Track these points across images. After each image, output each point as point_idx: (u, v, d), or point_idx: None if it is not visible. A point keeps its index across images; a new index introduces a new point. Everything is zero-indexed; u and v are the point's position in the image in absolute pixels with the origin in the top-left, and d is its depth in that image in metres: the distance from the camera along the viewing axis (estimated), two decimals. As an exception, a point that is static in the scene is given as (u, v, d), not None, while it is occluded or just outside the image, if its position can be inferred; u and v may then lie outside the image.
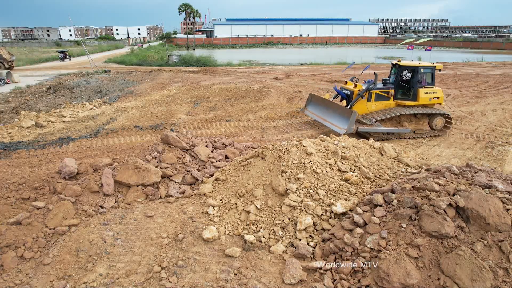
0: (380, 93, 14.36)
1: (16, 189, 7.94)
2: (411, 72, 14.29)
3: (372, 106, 14.40)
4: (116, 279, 5.68)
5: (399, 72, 14.49)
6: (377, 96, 14.33)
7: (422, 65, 14.39)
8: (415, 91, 14.38)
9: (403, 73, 14.36)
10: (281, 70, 39.46)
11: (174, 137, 9.45)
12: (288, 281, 5.46)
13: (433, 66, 14.66)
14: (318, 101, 16.05)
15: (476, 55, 62.82)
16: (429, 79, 14.69)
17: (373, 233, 5.72)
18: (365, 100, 14.21)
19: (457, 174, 6.59)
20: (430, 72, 14.63)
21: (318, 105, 15.91)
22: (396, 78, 14.59)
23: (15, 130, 14.55)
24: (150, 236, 6.66)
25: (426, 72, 14.52)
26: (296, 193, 6.92)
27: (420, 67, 14.27)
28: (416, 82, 14.30)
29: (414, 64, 14.47)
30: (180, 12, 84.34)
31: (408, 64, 14.44)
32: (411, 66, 14.31)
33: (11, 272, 5.94)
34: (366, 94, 14.07)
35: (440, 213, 5.34)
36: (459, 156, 11.98)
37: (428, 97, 14.39)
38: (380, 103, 14.47)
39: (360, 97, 13.98)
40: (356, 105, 14.14)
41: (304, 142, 8.08)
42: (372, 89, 14.05)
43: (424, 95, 14.31)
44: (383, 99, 14.48)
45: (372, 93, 14.20)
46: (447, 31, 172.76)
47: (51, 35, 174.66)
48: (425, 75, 14.52)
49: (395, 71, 14.99)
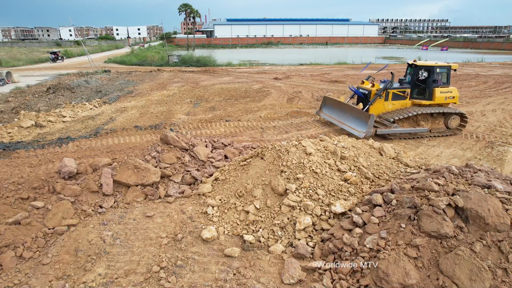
0: (397, 93, 14.52)
1: (16, 189, 7.94)
2: (427, 72, 14.48)
3: (389, 105, 14.56)
4: (115, 279, 5.67)
5: (415, 72, 14.68)
6: (394, 95, 14.50)
7: (438, 65, 14.57)
8: (431, 91, 14.53)
9: (419, 73, 14.56)
10: (281, 70, 39.46)
11: (174, 137, 9.44)
12: (287, 281, 5.46)
13: (448, 66, 14.84)
14: (333, 104, 16.09)
15: (476, 55, 62.80)
16: (444, 79, 14.85)
17: (372, 233, 5.71)
18: (382, 99, 14.39)
19: (457, 174, 6.58)
20: (445, 72, 14.81)
21: (333, 108, 15.96)
22: (412, 78, 14.79)
23: (15, 130, 14.54)
24: (149, 236, 6.66)
25: (442, 72, 14.70)
26: (296, 193, 6.91)
27: (436, 67, 14.43)
28: (432, 82, 14.47)
29: (431, 64, 14.65)
30: (180, 12, 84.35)
31: (424, 64, 14.65)
32: (427, 66, 14.50)
33: (10, 272, 5.93)
34: (384, 94, 14.26)
35: (439, 213, 5.33)
36: (458, 156, 11.97)
37: (443, 97, 14.54)
38: (397, 103, 14.64)
39: (378, 96, 14.13)
40: (374, 104, 14.29)
41: (303, 142, 8.07)
42: (389, 88, 14.21)
43: (440, 94, 14.46)
44: (400, 99, 14.65)
45: (389, 93, 14.38)
46: (447, 31, 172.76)
47: (51, 35, 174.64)
48: (440, 75, 14.70)
49: (411, 71, 15.17)
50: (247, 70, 40.05)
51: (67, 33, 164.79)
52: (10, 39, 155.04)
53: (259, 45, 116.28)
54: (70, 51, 63.43)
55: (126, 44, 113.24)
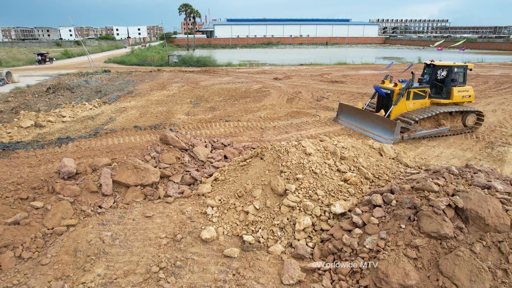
0: (418, 92, 14.68)
1: (15, 189, 7.93)
2: (446, 72, 14.74)
3: (410, 104, 14.73)
4: (114, 279, 5.66)
5: (433, 72, 14.96)
6: (415, 94, 14.65)
7: (456, 64, 14.81)
8: (449, 90, 14.78)
9: (438, 72, 14.83)
10: (281, 71, 39.44)
11: (173, 137, 9.43)
12: (287, 282, 5.45)
13: (465, 65, 15.09)
14: (351, 111, 16.13)
15: (476, 55, 62.80)
16: (461, 78, 15.12)
17: (372, 233, 5.70)
18: (404, 98, 14.55)
19: (457, 174, 6.57)
20: (462, 72, 15.06)
21: (352, 116, 16.00)
22: (431, 77, 15.05)
23: (14, 130, 14.53)
24: (148, 236, 6.64)
25: (459, 71, 14.96)
26: (295, 193, 6.90)
27: (454, 66, 14.69)
28: (451, 81, 14.71)
29: (449, 64, 14.89)
30: (181, 12, 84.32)
31: (443, 64, 14.90)
32: (446, 66, 14.78)
33: (9, 272, 5.92)
34: (405, 93, 14.41)
35: (439, 213, 5.32)
36: (458, 156, 11.95)
37: (461, 95, 14.80)
38: (417, 102, 14.82)
39: (401, 95, 14.31)
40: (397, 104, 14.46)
41: (303, 143, 8.06)
42: (410, 88, 14.36)
43: (457, 93, 14.71)
44: (420, 98, 14.81)
45: (411, 92, 14.53)
46: (447, 31, 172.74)
47: (51, 35, 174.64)
48: (458, 74, 14.94)
49: (428, 71, 15.42)
50: (247, 70, 40.03)
51: (67, 33, 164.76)
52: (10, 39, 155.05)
53: (259, 45, 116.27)
54: (70, 51, 63.47)
55: (126, 44, 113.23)
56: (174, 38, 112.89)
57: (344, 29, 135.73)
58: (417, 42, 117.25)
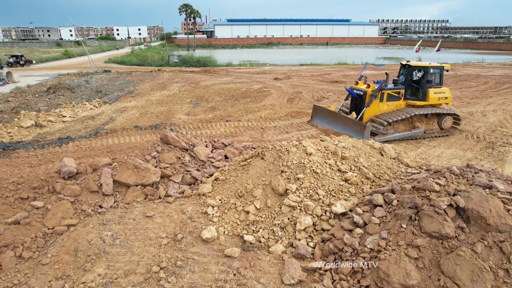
0: (392, 93, 14.38)
1: (15, 188, 7.92)
2: (421, 72, 14.40)
3: (384, 106, 14.40)
4: (115, 279, 5.65)
5: (409, 72, 14.62)
6: (389, 96, 14.35)
7: (431, 65, 14.51)
8: (424, 91, 14.48)
9: (413, 73, 14.47)
10: (281, 71, 39.44)
11: (174, 137, 9.42)
12: (288, 282, 5.43)
13: (441, 66, 14.79)
14: (324, 113, 15.87)
15: (476, 55, 62.81)
16: (437, 79, 14.80)
17: (373, 233, 5.69)
18: (377, 100, 14.23)
19: (458, 174, 6.55)
20: (439, 72, 14.76)
21: (325, 118, 15.73)
22: (406, 78, 14.71)
23: (15, 129, 14.53)
24: (149, 236, 6.63)
25: (435, 72, 14.65)
26: (296, 193, 6.89)
27: (430, 67, 14.38)
28: (426, 82, 14.41)
29: (424, 64, 14.60)
30: (181, 12, 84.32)
31: (418, 65, 14.58)
32: (421, 67, 14.46)
33: (9, 272, 5.91)
34: (379, 94, 14.11)
35: (441, 213, 5.31)
36: (459, 156, 11.95)
37: (437, 97, 14.52)
38: (392, 103, 14.50)
39: (374, 97, 13.99)
40: (370, 105, 14.15)
41: (304, 142, 8.05)
42: (384, 89, 14.06)
43: (434, 95, 14.44)
44: (394, 99, 14.51)
45: (384, 93, 14.21)
46: (448, 31, 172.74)
47: (51, 35, 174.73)
48: (434, 75, 14.64)
49: (404, 71, 15.06)
50: (247, 70, 40.03)
51: (67, 33, 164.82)
52: (10, 39, 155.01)
53: (259, 45, 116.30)
54: (70, 51, 63.51)
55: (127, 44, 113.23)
56: (174, 38, 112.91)
57: (344, 29, 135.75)
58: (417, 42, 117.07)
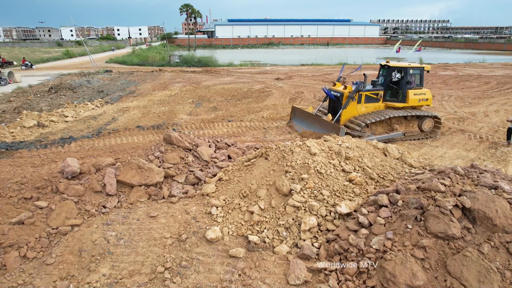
0: (370, 95, 13.99)
1: (19, 188, 7.91)
2: (400, 73, 14.05)
3: (362, 108, 14.01)
4: (120, 279, 5.65)
5: (388, 73, 14.22)
6: (367, 98, 13.96)
7: (411, 66, 14.16)
8: (404, 93, 14.10)
9: (392, 74, 14.12)
10: (282, 71, 39.43)
11: (177, 137, 9.41)
12: (293, 282, 5.42)
13: (421, 67, 14.45)
14: (302, 115, 15.58)
15: (477, 56, 62.75)
16: (418, 80, 14.42)
17: (378, 234, 5.68)
18: (355, 102, 13.84)
19: (462, 175, 6.54)
20: (419, 73, 14.38)
21: (303, 120, 15.45)
22: (385, 80, 14.32)
23: (17, 129, 14.53)
24: (153, 236, 6.62)
25: (415, 73, 14.27)
26: (300, 193, 6.87)
27: (409, 68, 14.02)
28: (406, 84, 14.04)
29: (403, 65, 14.21)
30: (182, 12, 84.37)
31: (397, 65, 14.18)
32: (400, 67, 14.07)
33: (13, 272, 5.91)
34: (356, 96, 13.71)
35: (446, 214, 5.29)
36: (462, 157, 11.93)
37: (417, 99, 14.15)
38: (370, 105, 14.12)
39: (351, 99, 13.63)
40: (346, 107, 13.78)
41: (307, 142, 8.03)
42: (361, 90, 13.68)
43: (414, 96, 14.07)
44: (373, 101, 14.13)
45: (362, 95, 13.82)
46: (448, 32, 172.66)
47: (52, 35, 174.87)
48: (414, 76, 14.27)
49: (383, 72, 14.69)
50: (248, 71, 40.02)
51: (68, 33, 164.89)
52: (11, 39, 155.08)
53: (260, 45, 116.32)
54: (71, 51, 63.53)
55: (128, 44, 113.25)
56: (175, 39, 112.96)
57: (345, 29, 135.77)
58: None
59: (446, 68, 41.76)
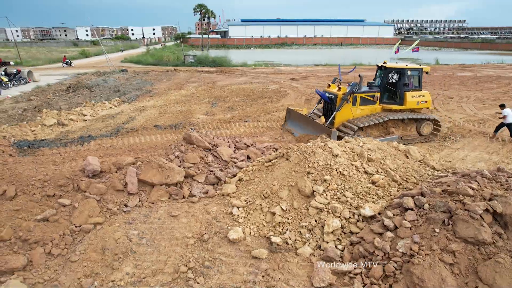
0: (365, 97, 13.46)
1: (42, 186, 8.03)
2: (398, 75, 13.61)
3: (357, 110, 13.45)
4: (143, 278, 5.68)
5: (385, 75, 13.76)
6: (362, 100, 13.42)
7: (409, 67, 13.68)
8: (402, 95, 13.61)
9: (389, 76, 13.66)
10: (296, 71, 39.28)
11: (197, 136, 9.43)
12: (317, 284, 5.37)
13: (420, 68, 13.95)
14: (296, 117, 15.13)
15: (495, 56, 61.52)
16: (416, 82, 13.91)
17: (404, 237, 5.58)
18: (350, 104, 13.28)
19: (490, 178, 6.40)
20: (417, 75, 13.88)
21: (297, 122, 15.04)
22: (382, 81, 13.86)
23: (38, 128, 14.76)
24: (175, 235, 6.63)
25: (413, 74, 13.77)
26: (323, 195, 6.81)
27: (407, 69, 13.57)
28: (403, 85, 13.58)
29: (401, 66, 13.73)
30: (196, 12, 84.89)
31: (394, 66, 13.73)
32: (397, 68, 13.62)
33: (39, 268, 6.00)
34: (351, 98, 13.19)
35: (476, 218, 5.17)
36: (485, 159, 11.66)
37: (415, 101, 13.64)
38: (366, 108, 13.59)
39: (345, 101, 13.10)
40: (341, 110, 13.28)
41: (329, 144, 7.96)
42: (356, 92, 13.14)
43: (412, 99, 13.57)
44: (369, 103, 13.60)
45: (357, 97, 13.29)
46: (464, 32, 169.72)
47: (68, 35, 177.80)
48: (412, 78, 13.76)
49: (380, 74, 14.16)
50: (263, 71, 39.98)
51: (83, 33, 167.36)
52: (29, 39, 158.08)
53: (273, 45, 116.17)
54: (87, 51, 64.46)
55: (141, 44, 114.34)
56: (188, 38, 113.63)
57: (358, 29, 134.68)
58: (433, 43, 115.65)
59: (464, 69, 41.03)
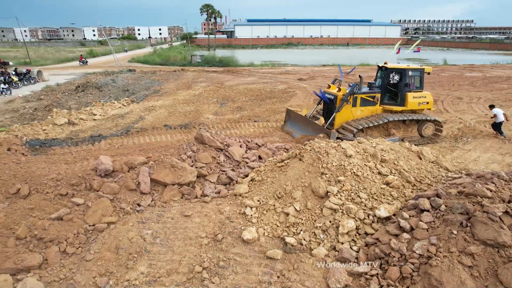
0: (366, 98, 13.36)
1: (54, 185, 8.10)
2: (399, 75, 13.41)
3: (357, 111, 13.35)
4: (158, 277, 5.68)
5: (385, 75, 13.62)
6: (363, 100, 13.32)
7: (410, 67, 13.55)
8: (403, 96, 13.48)
9: (390, 76, 13.52)
10: (304, 71, 39.21)
11: (209, 136, 9.43)
12: (333, 286, 5.33)
13: (421, 68, 13.79)
14: (295, 118, 15.06)
15: (504, 57, 60.89)
16: (417, 83, 13.76)
17: (421, 239, 5.53)
18: (350, 105, 13.19)
19: (507, 180, 6.31)
20: (418, 75, 13.74)
21: (296, 123, 14.96)
22: (383, 82, 13.72)
23: (49, 127, 14.88)
24: (188, 235, 6.63)
25: (415, 75, 13.64)
26: (337, 195, 6.77)
27: (408, 69, 13.42)
28: (404, 86, 13.46)
29: (402, 66, 13.58)
30: (202, 12, 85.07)
31: (395, 67, 13.55)
32: (398, 69, 13.45)
33: (55, 267, 6.02)
34: (351, 99, 13.09)
35: (496, 220, 5.11)
36: (498, 161, 11.54)
37: (417, 102, 13.49)
38: (366, 109, 13.48)
39: (345, 102, 13.00)
40: (341, 111, 13.20)
41: (342, 144, 7.92)
42: (356, 93, 13.04)
43: (413, 99, 13.43)
44: (369, 104, 13.50)
45: (357, 98, 13.20)
46: (472, 32, 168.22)
47: (75, 35, 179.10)
48: (413, 78, 13.63)
49: (381, 74, 14.04)
50: (270, 71, 39.97)
51: (90, 33, 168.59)
52: (37, 39, 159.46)
53: (279, 45, 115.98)
54: (95, 51, 64.87)
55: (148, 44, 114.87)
56: (195, 38, 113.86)
57: (365, 29, 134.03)
58: (440, 43, 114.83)
59: (473, 70, 40.67)
